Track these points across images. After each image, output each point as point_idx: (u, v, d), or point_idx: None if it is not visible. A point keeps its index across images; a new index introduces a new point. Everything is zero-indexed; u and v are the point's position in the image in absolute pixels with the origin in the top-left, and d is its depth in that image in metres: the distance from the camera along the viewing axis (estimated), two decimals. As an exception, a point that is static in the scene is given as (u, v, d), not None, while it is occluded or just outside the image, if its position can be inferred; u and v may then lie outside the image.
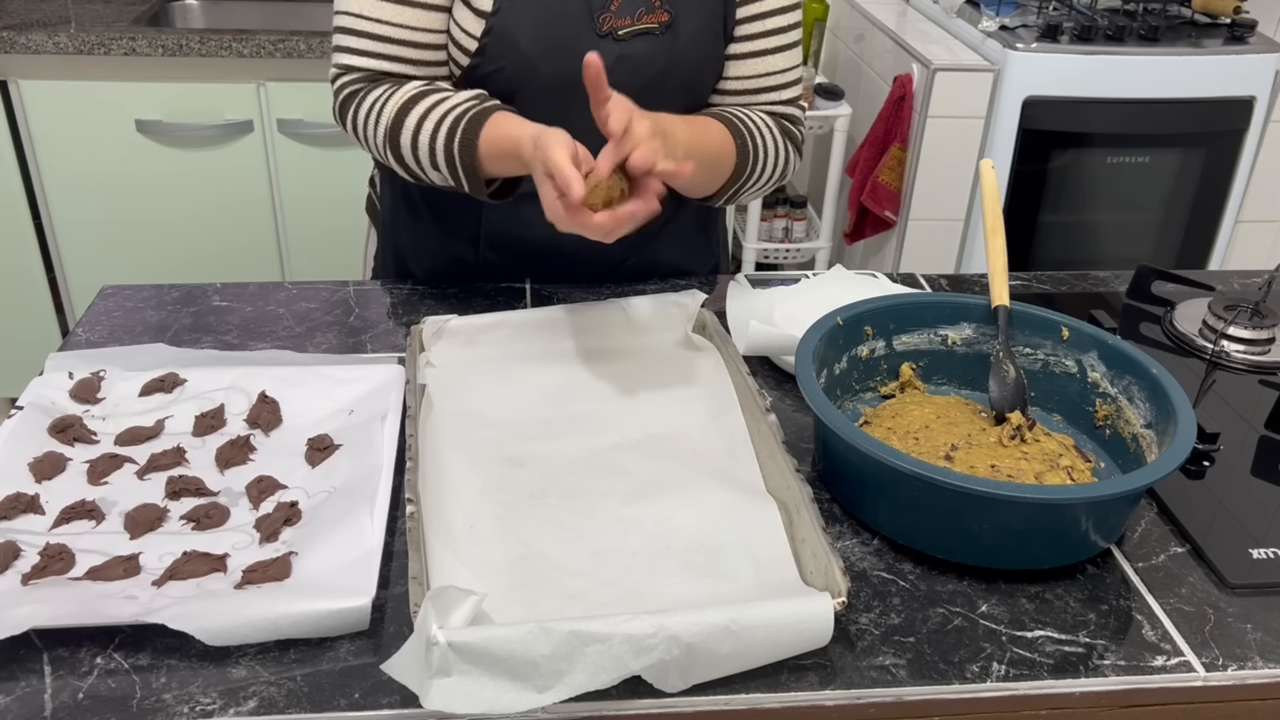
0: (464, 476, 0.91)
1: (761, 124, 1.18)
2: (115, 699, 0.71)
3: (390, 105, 1.08)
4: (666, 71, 1.13)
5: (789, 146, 1.22)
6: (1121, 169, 2.32)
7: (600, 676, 0.69)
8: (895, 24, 2.47)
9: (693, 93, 1.20)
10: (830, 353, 1.00)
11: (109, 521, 0.86)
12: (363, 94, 1.10)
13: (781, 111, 1.23)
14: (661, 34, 1.12)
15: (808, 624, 0.73)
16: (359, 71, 1.12)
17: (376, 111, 1.09)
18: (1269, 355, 1.18)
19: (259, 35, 2.12)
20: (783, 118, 1.23)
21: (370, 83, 1.11)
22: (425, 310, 1.20)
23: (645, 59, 1.12)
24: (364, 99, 1.10)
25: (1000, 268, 1.05)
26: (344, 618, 0.76)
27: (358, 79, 1.12)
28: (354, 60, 1.11)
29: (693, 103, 1.20)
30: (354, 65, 1.12)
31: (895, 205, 2.37)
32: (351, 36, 1.11)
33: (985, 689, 0.76)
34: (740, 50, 1.19)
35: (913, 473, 0.81)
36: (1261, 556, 0.88)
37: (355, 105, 1.11)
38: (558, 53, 1.09)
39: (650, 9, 1.11)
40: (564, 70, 1.08)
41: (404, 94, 1.08)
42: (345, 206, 2.15)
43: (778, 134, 1.20)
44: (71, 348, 1.10)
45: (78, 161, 2.19)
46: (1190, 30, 2.33)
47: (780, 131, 1.20)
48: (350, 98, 1.11)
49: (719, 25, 1.16)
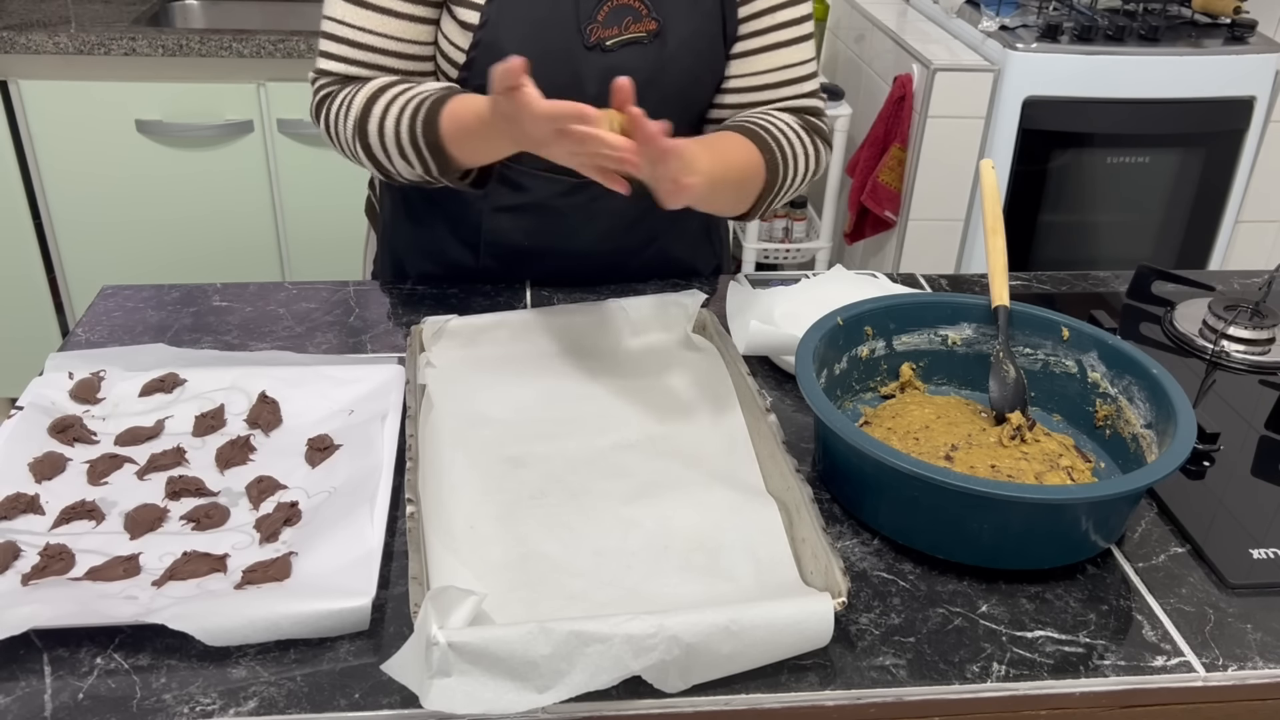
0: (464, 476, 0.91)
1: (785, 127, 1.14)
2: (115, 699, 0.71)
3: (359, 96, 1.07)
4: (655, 80, 1.11)
5: (816, 143, 1.18)
6: (1121, 169, 2.32)
7: (600, 677, 0.69)
8: (895, 24, 2.47)
9: (686, 100, 1.18)
10: (830, 353, 1.00)
11: (109, 522, 0.86)
12: (336, 92, 1.10)
13: (802, 105, 1.20)
14: (650, 43, 1.11)
15: (808, 624, 0.73)
16: (337, 76, 1.12)
17: (346, 105, 1.08)
18: (1269, 355, 1.18)
19: (259, 35, 2.12)
20: (805, 112, 1.20)
21: (346, 83, 1.11)
22: (425, 311, 1.20)
23: (633, 69, 1.09)
24: (336, 96, 1.10)
25: (1000, 268, 1.05)
26: (344, 618, 0.76)
27: (334, 81, 1.12)
28: (333, 66, 1.11)
29: (687, 110, 1.19)
30: (333, 71, 1.12)
31: (895, 205, 2.37)
32: (333, 43, 1.11)
33: (985, 689, 0.76)
34: (749, 47, 1.17)
35: (913, 473, 0.81)
36: (1261, 556, 0.88)
37: (329, 103, 1.11)
38: (546, 64, 1.07)
39: (638, 18, 1.10)
40: (553, 82, 1.06)
41: (372, 85, 1.08)
42: (345, 207, 2.14)
43: (803, 133, 1.16)
44: (71, 348, 1.10)
45: (78, 161, 2.19)
46: (1190, 30, 2.33)
47: (805, 129, 1.17)
48: (326, 99, 1.11)
49: (716, 29, 1.14)
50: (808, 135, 1.17)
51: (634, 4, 1.10)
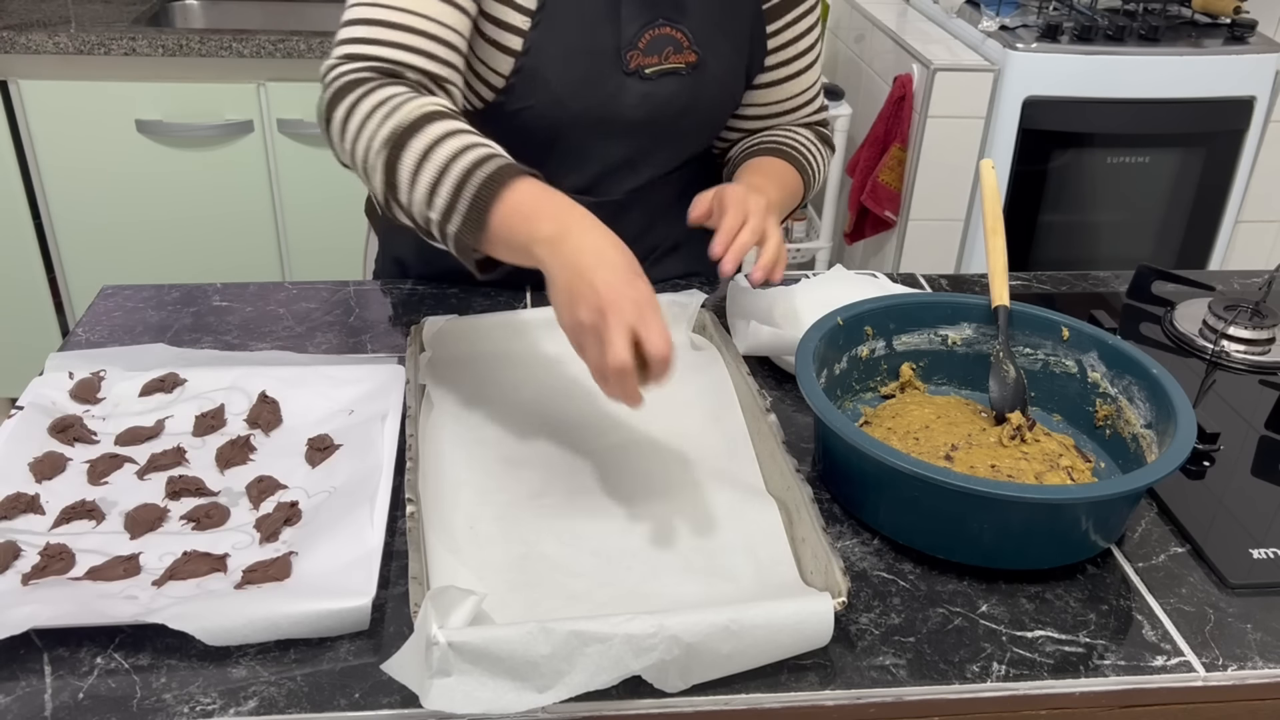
0: (464, 476, 0.91)
1: (807, 142, 1.22)
2: (115, 699, 0.71)
3: (414, 105, 0.92)
4: (688, 111, 1.14)
5: (825, 150, 1.26)
6: (1121, 169, 2.32)
7: (600, 676, 0.69)
8: (895, 24, 2.47)
9: (710, 129, 1.22)
10: (830, 353, 1.00)
11: (109, 521, 0.86)
12: (375, 85, 0.95)
13: (814, 120, 1.27)
14: (688, 74, 1.12)
15: (808, 624, 0.73)
16: (372, 61, 0.98)
17: (393, 105, 0.92)
18: (1269, 355, 1.18)
19: (259, 35, 2.12)
20: (816, 124, 1.27)
21: (384, 75, 0.98)
22: (425, 310, 1.20)
23: (669, 98, 1.12)
24: (376, 89, 0.94)
25: (1000, 268, 1.05)
26: (344, 618, 0.76)
27: (365, 71, 0.98)
28: (364, 49, 0.98)
29: (708, 137, 1.24)
30: (363, 54, 0.98)
31: (895, 205, 2.37)
32: (364, 26, 0.99)
33: (985, 689, 0.76)
34: (771, 78, 1.21)
35: (913, 473, 0.81)
36: (1261, 556, 0.88)
37: (361, 92, 0.94)
38: (586, 90, 1.08)
39: (679, 49, 1.11)
40: (591, 107, 1.09)
41: (434, 102, 0.93)
42: (345, 207, 2.15)
43: (818, 143, 1.24)
44: (71, 348, 1.10)
45: (78, 161, 2.19)
46: (1190, 30, 2.33)
47: (818, 139, 1.25)
48: (355, 85, 0.95)
49: (744, 64, 1.17)
50: (821, 145, 1.25)
51: (676, 35, 1.10)
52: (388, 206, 0.94)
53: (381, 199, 0.94)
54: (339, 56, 0.99)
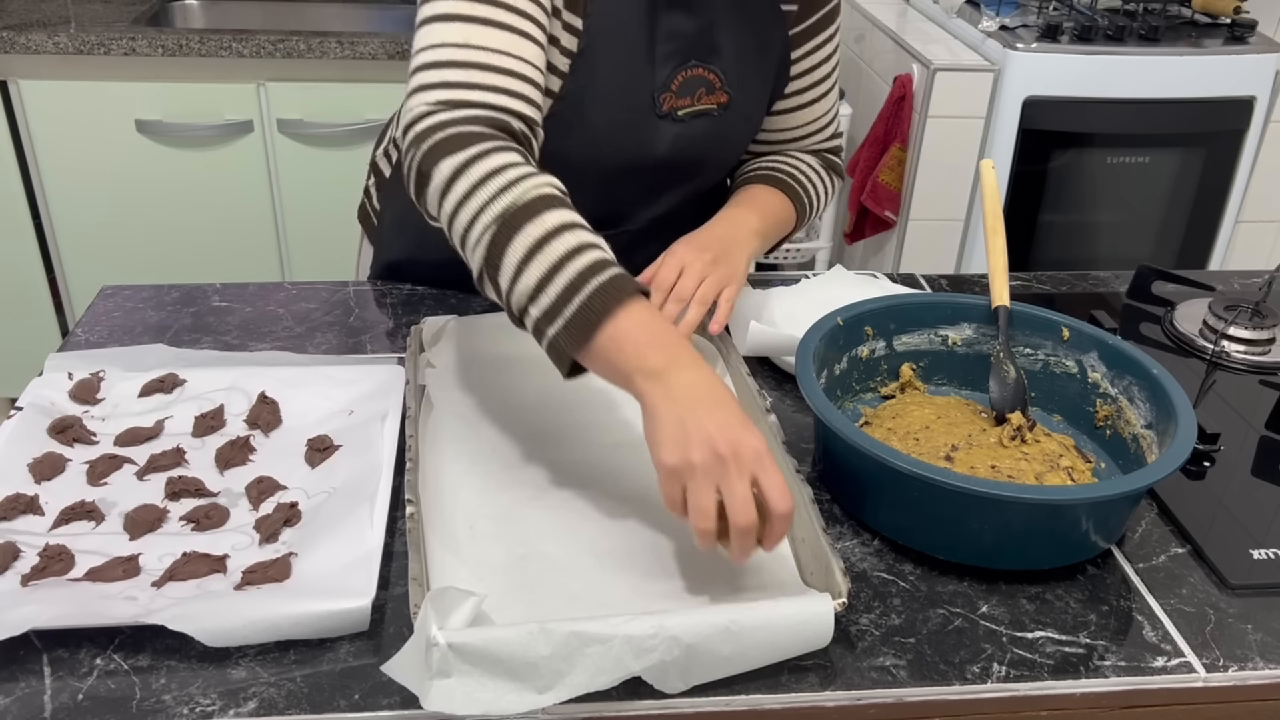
0: (464, 477, 0.91)
1: (808, 169, 1.20)
2: (115, 700, 0.71)
3: (531, 185, 0.84)
4: (716, 148, 1.15)
5: (832, 178, 1.25)
6: (1121, 169, 2.32)
7: (600, 677, 0.69)
8: (895, 24, 2.47)
9: (734, 161, 1.22)
10: (830, 353, 1.00)
11: (109, 522, 0.86)
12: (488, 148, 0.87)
13: (825, 148, 1.25)
14: (720, 115, 1.12)
15: (808, 625, 0.73)
16: (475, 109, 0.90)
17: (509, 179, 0.84)
18: (1269, 355, 1.18)
19: (259, 35, 2.12)
20: (827, 152, 1.26)
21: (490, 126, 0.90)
22: (425, 311, 1.20)
23: (699, 138, 1.11)
24: (490, 154, 0.86)
25: (1000, 268, 1.05)
26: (344, 619, 0.75)
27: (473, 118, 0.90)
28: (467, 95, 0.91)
29: (731, 169, 1.24)
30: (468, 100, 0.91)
31: (895, 205, 2.37)
32: (463, 70, 0.92)
33: (986, 690, 0.76)
34: (787, 105, 1.20)
35: (913, 473, 0.81)
36: (1262, 557, 0.88)
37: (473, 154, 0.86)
38: (620, 134, 1.08)
39: (711, 90, 1.10)
40: (623, 148, 1.09)
41: (550, 183, 0.86)
42: (345, 207, 2.13)
43: (822, 171, 1.23)
44: (71, 348, 1.10)
45: (78, 161, 2.19)
46: (1190, 30, 2.33)
47: (824, 166, 1.23)
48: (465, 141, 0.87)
49: (768, 95, 1.17)
50: (826, 171, 1.23)
51: (709, 76, 1.09)
52: (479, 281, 0.88)
53: (477, 274, 0.88)
54: (434, 103, 0.91)
